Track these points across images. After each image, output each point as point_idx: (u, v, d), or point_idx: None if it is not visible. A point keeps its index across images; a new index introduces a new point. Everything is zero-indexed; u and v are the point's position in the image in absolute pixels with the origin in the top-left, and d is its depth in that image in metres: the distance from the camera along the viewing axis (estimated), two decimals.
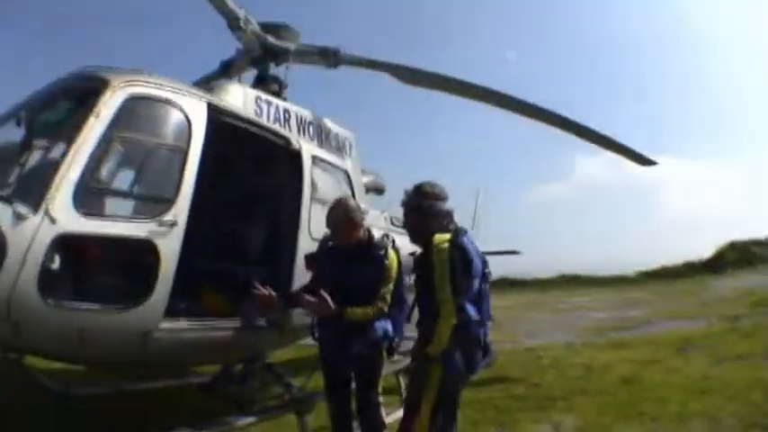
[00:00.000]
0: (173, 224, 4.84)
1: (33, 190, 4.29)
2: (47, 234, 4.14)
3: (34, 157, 4.68)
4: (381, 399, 5.21)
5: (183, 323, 5.25)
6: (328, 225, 5.14)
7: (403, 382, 7.38)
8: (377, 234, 5.28)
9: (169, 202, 4.91)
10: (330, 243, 5.26)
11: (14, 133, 4.93)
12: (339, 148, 7.90)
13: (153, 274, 4.77)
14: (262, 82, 7.73)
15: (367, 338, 4.89)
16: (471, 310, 4.34)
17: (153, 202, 5.00)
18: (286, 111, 7.06)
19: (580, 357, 11.21)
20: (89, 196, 4.52)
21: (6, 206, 4.05)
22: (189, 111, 5.28)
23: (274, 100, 7.06)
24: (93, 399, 6.87)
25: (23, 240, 4.04)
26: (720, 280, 26.69)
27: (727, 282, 25.36)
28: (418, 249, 4.87)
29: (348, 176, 7.89)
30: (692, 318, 15.54)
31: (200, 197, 5.26)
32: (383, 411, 5.25)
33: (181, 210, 4.95)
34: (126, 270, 5.38)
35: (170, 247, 4.84)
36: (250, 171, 7.71)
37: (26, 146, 4.76)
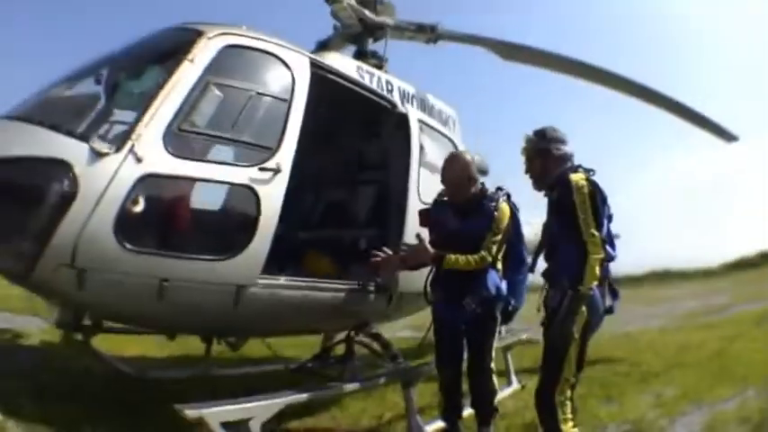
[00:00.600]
0: (276, 171, 4.46)
1: (118, 129, 4.03)
2: (131, 173, 3.78)
3: (120, 102, 4.41)
4: (494, 366, 4.94)
5: (282, 280, 4.78)
6: (444, 180, 4.90)
7: (511, 360, 7.39)
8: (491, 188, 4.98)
9: (272, 149, 4.53)
10: (443, 198, 5.03)
11: (97, 86, 4.61)
12: (444, 122, 7.45)
13: (252, 223, 4.37)
14: (361, 57, 7.26)
15: (479, 295, 4.65)
16: (610, 249, 4.26)
17: (254, 149, 4.53)
18: (388, 82, 6.63)
19: (674, 338, 11.75)
20: (182, 138, 4.13)
21: (82, 143, 3.73)
22: (291, 63, 4.91)
23: (376, 71, 6.64)
24: (171, 383, 6.38)
25: (100, 180, 3.69)
26: None
27: None
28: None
29: (455, 146, 7.29)
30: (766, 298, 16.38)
31: (303, 157, 4.88)
32: (495, 379, 4.96)
33: (285, 158, 4.56)
34: (222, 217, 5.13)
35: (273, 196, 4.45)
36: (356, 133, 7.40)
37: (111, 92, 4.49)
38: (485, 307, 4.73)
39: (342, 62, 6.18)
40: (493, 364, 4.93)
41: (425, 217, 5.21)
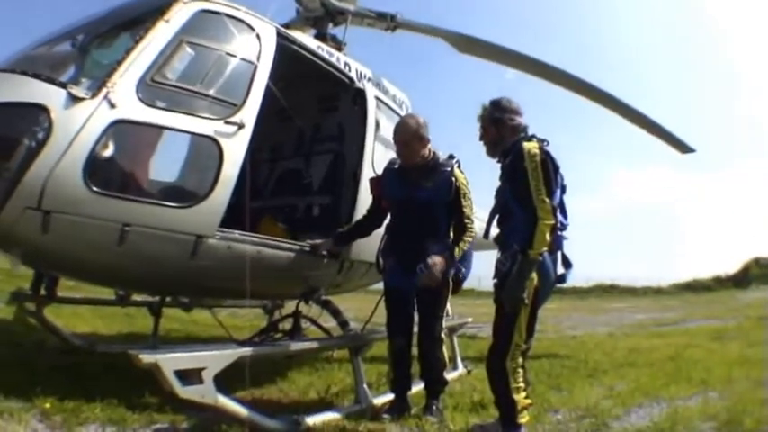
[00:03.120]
0: (240, 126, 4.58)
1: (95, 79, 4.13)
2: (104, 118, 3.90)
3: (99, 55, 4.56)
4: (444, 336, 5.00)
5: (237, 234, 4.82)
6: (395, 139, 4.96)
7: (457, 343, 7.23)
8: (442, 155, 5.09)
9: (237, 106, 4.66)
10: (395, 165, 5.08)
11: (78, 42, 4.78)
12: (399, 105, 7.56)
13: (214, 174, 4.45)
14: (321, 39, 7.24)
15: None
16: (562, 217, 4.29)
17: (220, 104, 4.64)
18: (347, 63, 6.73)
19: (623, 343, 11.28)
20: (153, 89, 4.27)
21: (59, 89, 3.85)
22: (259, 30, 5.11)
23: (335, 52, 6.75)
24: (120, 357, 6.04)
25: (74, 123, 3.80)
26: (746, 293, 26.89)
27: (753, 294, 25.55)
28: None
29: None
30: (723, 318, 15.83)
31: (262, 124, 4.98)
32: (444, 350, 5.00)
33: (248, 115, 4.70)
34: (185, 166, 5.34)
35: (235, 149, 4.57)
36: (314, 105, 7.49)
37: (92, 48, 4.68)
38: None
39: (304, 38, 6.32)
40: (443, 334, 4.99)
41: (376, 185, 5.31)
